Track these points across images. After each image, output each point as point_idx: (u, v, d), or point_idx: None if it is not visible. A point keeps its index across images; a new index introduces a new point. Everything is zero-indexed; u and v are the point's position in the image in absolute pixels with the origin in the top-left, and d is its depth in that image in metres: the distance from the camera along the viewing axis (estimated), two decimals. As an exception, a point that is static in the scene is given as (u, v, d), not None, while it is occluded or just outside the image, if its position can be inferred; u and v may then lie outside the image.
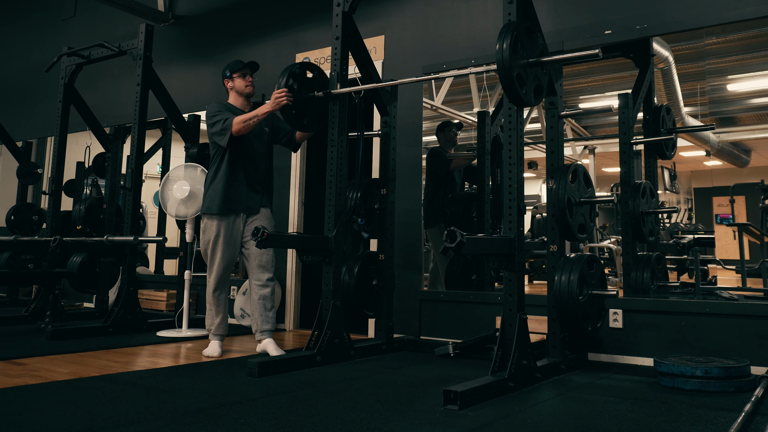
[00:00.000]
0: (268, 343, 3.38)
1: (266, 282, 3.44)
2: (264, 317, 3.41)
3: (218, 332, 3.52)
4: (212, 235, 3.44)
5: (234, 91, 3.59)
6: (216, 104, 3.48)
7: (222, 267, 3.45)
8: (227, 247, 3.44)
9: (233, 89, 3.58)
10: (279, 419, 2.06)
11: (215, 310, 3.52)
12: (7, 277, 5.18)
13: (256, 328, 3.42)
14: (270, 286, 3.45)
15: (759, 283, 4.50)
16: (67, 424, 1.94)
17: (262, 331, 3.42)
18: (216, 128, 3.36)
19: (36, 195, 6.75)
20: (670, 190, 5.79)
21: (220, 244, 3.43)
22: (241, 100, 3.59)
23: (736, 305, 3.24)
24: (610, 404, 2.38)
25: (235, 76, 3.56)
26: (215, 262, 3.45)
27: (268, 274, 3.46)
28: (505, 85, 2.50)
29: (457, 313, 4.00)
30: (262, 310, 3.41)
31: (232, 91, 3.59)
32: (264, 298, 3.42)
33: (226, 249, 3.44)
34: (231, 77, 3.57)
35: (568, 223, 3.03)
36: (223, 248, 3.43)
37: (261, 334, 3.42)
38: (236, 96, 3.59)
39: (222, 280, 3.49)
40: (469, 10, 4.24)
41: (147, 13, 5.87)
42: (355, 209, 3.50)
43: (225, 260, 3.45)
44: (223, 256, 3.44)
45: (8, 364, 3.01)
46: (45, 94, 6.71)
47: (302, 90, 3.36)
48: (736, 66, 4.90)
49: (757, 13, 3.26)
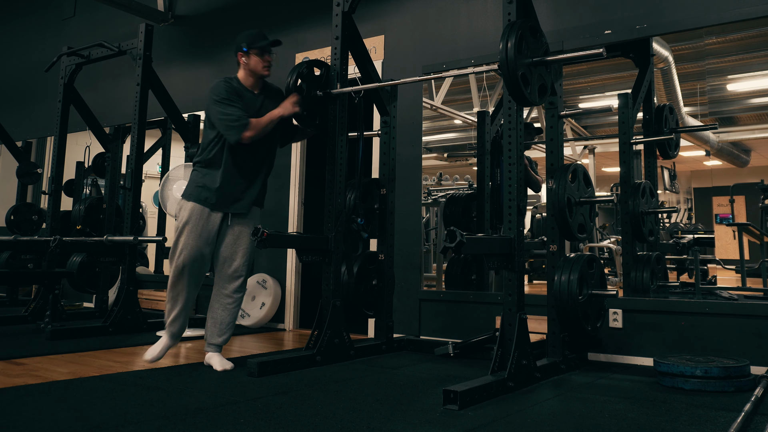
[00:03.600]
0: (213, 357, 3.01)
1: (232, 293, 3.09)
2: (218, 329, 3.06)
3: (170, 328, 3.10)
4: (183, 220, 3.04)
5: (247, 68, 3.12)
6: (224, 83, 3.07)
7: (184, 257, 3.00)
8: (195, 237, 3.01)
9: (247, 66, 3.11)
10: (279, 419, 2.06)
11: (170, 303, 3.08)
12: (7, 277, 5.18)
13: (206, 337, 3.07)
14: (237, 299, 3.10)
15: (759, 283, 4.49)
16: (67, 424, 1.94)
17: (210, 344, 3.05)
18: (227, 119, 2.99)
19: (36, 195, 6.75)
20: (670, 190, 5.78)
21: (186, 231, 3.02)
22: (252, 80, 3.15)
23: (736, 305, 3.24)
24: (610, 404, 2.38)
25: (252, 52, 3.09)
26: (177, 249, 3.02)
27: (237, 282, 3.09)
28: (509, 84, 2.49)
29: (457, 313, 4.00)
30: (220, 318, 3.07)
31: (244, 67, 3.12)
32: (225, 309, 3.08)
33: (193, 240, 3.01)
34: (247, 53, 3.09)
35: (567, 223, 3.03)
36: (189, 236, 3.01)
37: (208, 346, 3.05)
38: (248, 75, 3.14)
39: (181, 274, 3.01)
40: (469, 10, 4.24)
41: (147, 13, 5.87)
42: (354, 209, 3.49)
43: (188, 251, 3.00)
44: (186, 246, 3.00)
45: (8, 364, 3.01)
46: (45, 94, 6.71)
47: (311, 89, 3.28)
48: (736, 66, 4.89)
49: (757, 13, 3.26)
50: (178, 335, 3.13)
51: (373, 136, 4.03)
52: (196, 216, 3.02)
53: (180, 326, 3.11)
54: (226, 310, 3.08)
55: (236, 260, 3.08)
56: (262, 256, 4.93)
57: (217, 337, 3.05)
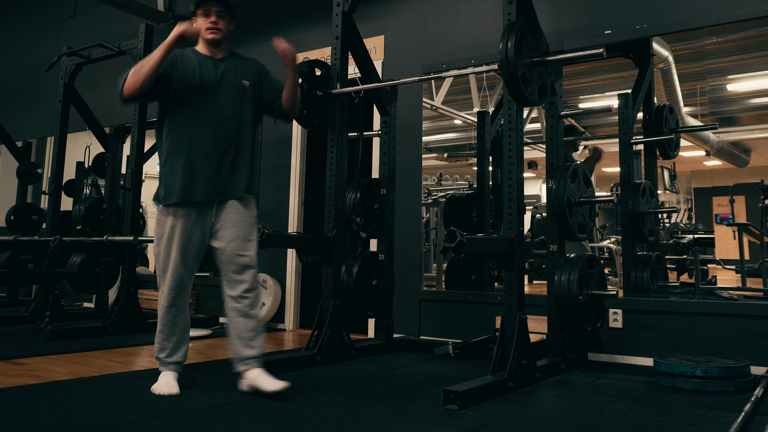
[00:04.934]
0: (255, 374, 2.42)
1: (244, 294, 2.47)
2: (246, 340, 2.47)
3: (172, 359, 2.50)
4: (164, 231, 2.47)
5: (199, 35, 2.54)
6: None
7: (176, 274, 2.45)
8: (185, 245, 2.45)
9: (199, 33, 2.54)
10: (279, 419, 2.06)
11: (168, 330, 2.49)
12: (7, 277, 5.18)
13: (237, 354, 2.48)
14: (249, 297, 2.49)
15: (759, 283, 4.50)
16: (67, 424, 1.94)
17: (247, 359, 2.46)
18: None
19: (36, 195, 6.75)
20: (670, 190, 5.78)
21: (175, 242, 2.44)
22: (207, 48, 2.57)
23: (736, 305, 3.24)
24: (610, 404, 2.38)
25: (198, 14, 2.55)
26: (168, 266, 2.46)
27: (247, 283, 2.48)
28: (509, 84, 2.49)
29: (457, 313, 4.00)
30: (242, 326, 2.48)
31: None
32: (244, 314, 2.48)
33: (184, 249, 2.45)
34: (195, 14, 2.56)
35: (567, 223, 3.03)
36: (180, 248, 2.44)
37: (244, 363, 2.46)
38: (201, 41, 2.58)
39: (178, 290, 2.47)
40: (469, 10, 4.24)
41: (147, 13, 5.87)
42: (354, 209, 3.49)
43: (181, 265, 2.45)
44: (180, 258, 2.45)
45: (8, 364, 3.01)
46: (45, 94, 6.70)
47: (311, 88, 3.30)
48: (736, 66, 4.89)
49: (757, 13, 3.26)
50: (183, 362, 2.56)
51: (373, 136, 4.03)
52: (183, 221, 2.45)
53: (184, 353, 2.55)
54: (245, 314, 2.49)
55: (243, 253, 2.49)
56: (263, 256, 4.90)
57: (246, 349, 2.46)
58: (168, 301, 2.48)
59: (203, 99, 2.49)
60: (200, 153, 2.46)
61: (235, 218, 2.50)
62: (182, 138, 2.47)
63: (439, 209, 5.21)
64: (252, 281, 2.51)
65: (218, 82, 2.52)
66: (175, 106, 2.50)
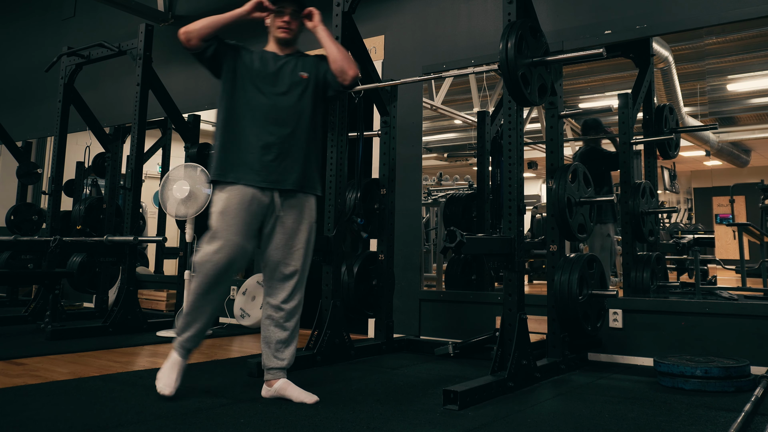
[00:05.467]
0: (281, 384, 2.34)
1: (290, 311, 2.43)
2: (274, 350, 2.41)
3: (188, 344, 2.37)
4: (217, 209, 2.35)
5: (270, 32, 2.58)
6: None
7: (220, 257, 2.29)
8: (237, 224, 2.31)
9: (269, 31, 2.58)
10: (279, 419, 2.06)
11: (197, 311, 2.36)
12: (7, 277, 5.18)
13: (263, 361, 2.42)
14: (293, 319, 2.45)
15: (759, 283, 4.50)
16: (67, 424, 1.94)
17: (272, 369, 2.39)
18: None
19: (36, 195, 6.76)
20: (670, 190, 5.79)
21: (225, 221, 2.31)
22: (276, 46, 2.56)
23: (736, 305, 3.24)
24: (610, 404, 2.38)
25: (273, 12, 2.55)
26: (212, 243, 2.31)
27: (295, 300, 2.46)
28: (509, 84, 2.49)
29: (457, 313, 4.00)
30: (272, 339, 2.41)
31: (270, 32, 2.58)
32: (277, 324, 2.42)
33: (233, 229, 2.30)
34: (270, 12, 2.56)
35: (567, 223, 3.03)
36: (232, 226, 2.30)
37: (269, 371, 2.39)
38: (270, 39, 2.58)
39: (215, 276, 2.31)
40: (469, 10, 4.24)
41: (147, 13, 5.87)
42: (354, 209, 3.49)
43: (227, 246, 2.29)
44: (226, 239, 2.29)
45: (8, 364, 3.01)
46: (45, 94, 6.70)
47: None
48: (736, 66, 4.90)
49: (757, 13, 3.26)
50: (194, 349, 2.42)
51: (373, 136, 4.03)
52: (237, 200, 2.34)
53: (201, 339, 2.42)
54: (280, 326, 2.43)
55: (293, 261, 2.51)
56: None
57: (272, 359, 2.39)
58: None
59: (258, 90, 2.44)
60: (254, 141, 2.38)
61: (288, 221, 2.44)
62: (233, 127, 2.42)
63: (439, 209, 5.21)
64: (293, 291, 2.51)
65: (275, 74, 2.48)
66: (231, 92, 2.46)
